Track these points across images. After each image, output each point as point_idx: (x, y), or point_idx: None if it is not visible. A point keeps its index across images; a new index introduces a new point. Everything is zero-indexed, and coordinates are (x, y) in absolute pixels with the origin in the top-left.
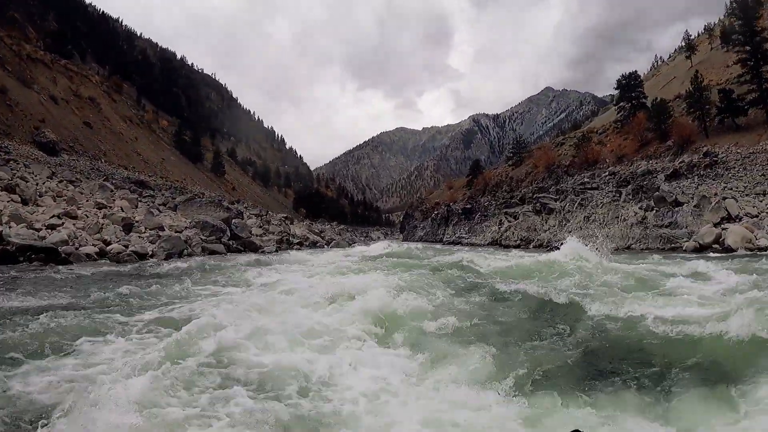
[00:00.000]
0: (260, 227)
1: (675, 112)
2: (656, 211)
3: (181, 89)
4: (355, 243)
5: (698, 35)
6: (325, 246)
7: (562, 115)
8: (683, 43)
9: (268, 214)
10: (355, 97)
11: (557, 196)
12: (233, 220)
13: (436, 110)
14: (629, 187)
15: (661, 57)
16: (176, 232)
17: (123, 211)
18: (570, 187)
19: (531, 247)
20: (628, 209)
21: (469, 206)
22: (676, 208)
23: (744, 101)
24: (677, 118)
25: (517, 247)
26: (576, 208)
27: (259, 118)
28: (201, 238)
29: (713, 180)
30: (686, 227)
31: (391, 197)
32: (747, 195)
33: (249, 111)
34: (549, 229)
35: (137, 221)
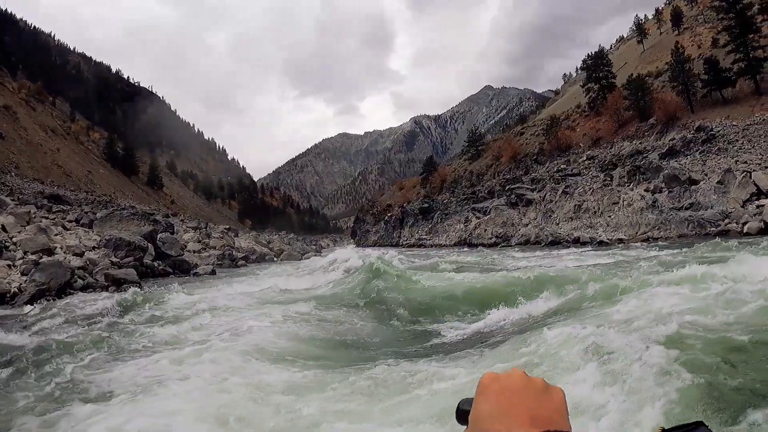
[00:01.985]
0: (199, 242)
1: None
2: (669, 192)
3: (116, 103)
4: (307, 253)
5: (637, 27)
6: (275, 259)
7: (503, 112)
8: (633, 28)
9: (208, 226)
10: (296, 105)
11: (533, 186)
12: (159, 235)
13: (378, 114)
14: (619, 169)
15: (603, 47)
16: (75, 254)
17: (5, 230)
18: (547, 175)
19: (513, 243)
20: (628, 193)
21: (426, 205)
22: (693, 187)
23: (731, 72)
24: (659, 93)
25: (493, 245)
26: (560, 197)
27: (199, 130)
28: (110, 261)
29: (717, 155)
30: (711, 207)
31: (336, 204)
32: (767, 167)
33: (189, 123)
34: (530, 222)
35: (15, 243)
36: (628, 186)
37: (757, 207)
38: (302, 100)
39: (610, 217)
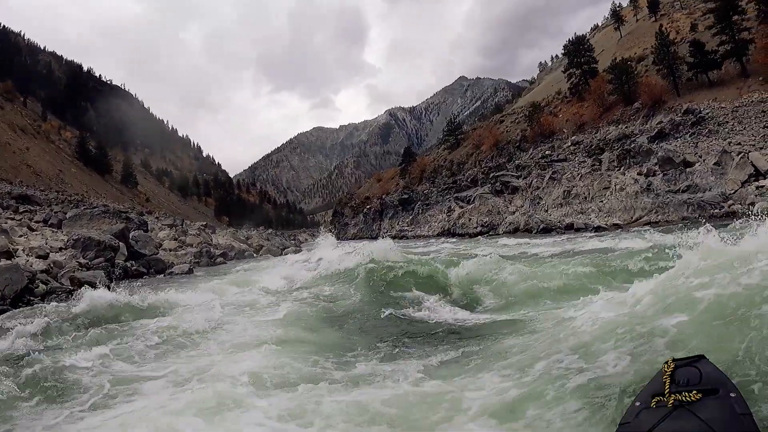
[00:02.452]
0: (175, 239)
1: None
2: (664, 174)
3: (89, 102)
4: (287, 248)
5: (613, 13)
6: (255, 255)
7: (478, 103)
8: (608, 16)
9: (184, 223)
10: (271, 100)
11: (518, 173)
12: (132, 233)
13: (353, 107)
14: (607, 153)
15: (585, 32)
16: (38, 257)
17: None
18: (532, 162)
19: (501, 232)
20: (619, 177)
21: (406, 196)
22: (688, 169)
23: (717, 54)
24: (644, 77)
25: (478, 234)
26: (547, 183)
27: (173, 127)
28: (78, 263)
29: (708, 137)
30: (710, 189)
31: (313, 198)
32: (761, 148)
33: (163, 120)
34: (517, 210)
35: None
36: (618, 170)
37: (757, 188)
38: (277, 95)
39: (602, 202)
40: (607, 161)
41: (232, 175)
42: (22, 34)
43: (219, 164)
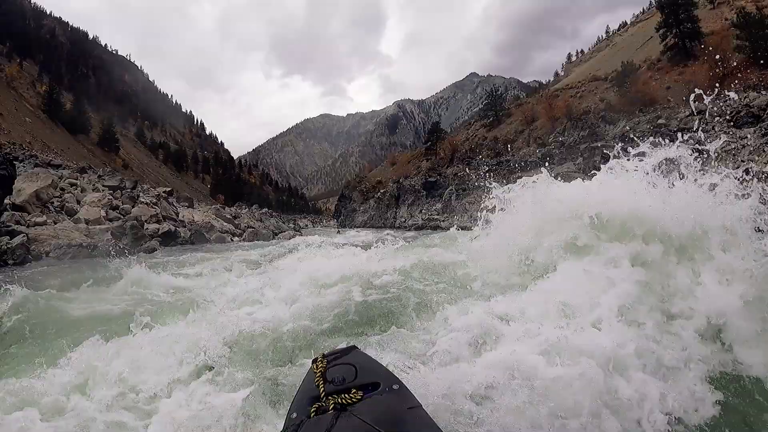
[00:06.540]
0: (113, 208)
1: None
2: None
3: (91, 69)
4: (283, 231)
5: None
6: (232, 239)
7: (488, 100)
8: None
9: (137, 187)
10: (281, 84)
11: (625, 145)
12: None
13: (365, 96)
14: None
15: (613, 29)
16: None
17: None
18: (646, 131)
19: None
20: None
21: (432, 180)
22: None
23: None
24: None
25: None
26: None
27: (177, 102)
28: None
29: None
30: None
31: (316, 184)
32: None
33: (167, 94)
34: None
35: None
36: None
37: None
38: (287, 79)
39: None
40: None
41: (235, 156)
42: None
43: (222, 143)
